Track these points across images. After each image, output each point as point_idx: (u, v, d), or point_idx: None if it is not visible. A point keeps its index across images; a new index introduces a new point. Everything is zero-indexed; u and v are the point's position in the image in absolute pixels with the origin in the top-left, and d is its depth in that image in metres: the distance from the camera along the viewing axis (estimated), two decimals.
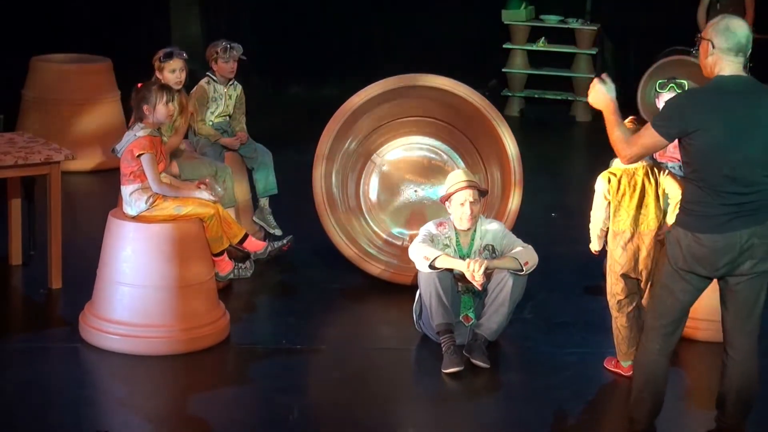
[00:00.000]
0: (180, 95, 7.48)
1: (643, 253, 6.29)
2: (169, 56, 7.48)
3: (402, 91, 7.90)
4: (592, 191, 6.41)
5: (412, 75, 7.90)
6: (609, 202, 6.30)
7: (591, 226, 6.44)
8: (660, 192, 6.26)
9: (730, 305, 5.34)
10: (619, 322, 6.42)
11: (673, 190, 6.24)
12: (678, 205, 5.93)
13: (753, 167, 5.13)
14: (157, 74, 7.49)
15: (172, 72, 7.47)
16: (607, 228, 6.37)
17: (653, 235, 6.27)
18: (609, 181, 6.31)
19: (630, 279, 6.31)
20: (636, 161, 5.52)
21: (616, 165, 6.35)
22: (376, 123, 8.07)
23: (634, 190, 6.25)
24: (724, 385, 5.47)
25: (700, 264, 5.22)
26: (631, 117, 6.17)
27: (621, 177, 6.27)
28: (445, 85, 7.84)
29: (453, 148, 8.15)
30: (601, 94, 5.44)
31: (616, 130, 5.33)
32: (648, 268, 6.29)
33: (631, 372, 6.01)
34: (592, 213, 6.41)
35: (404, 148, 8.18)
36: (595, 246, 6.49)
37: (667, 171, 6.35)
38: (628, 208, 6.26)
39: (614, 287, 6.36)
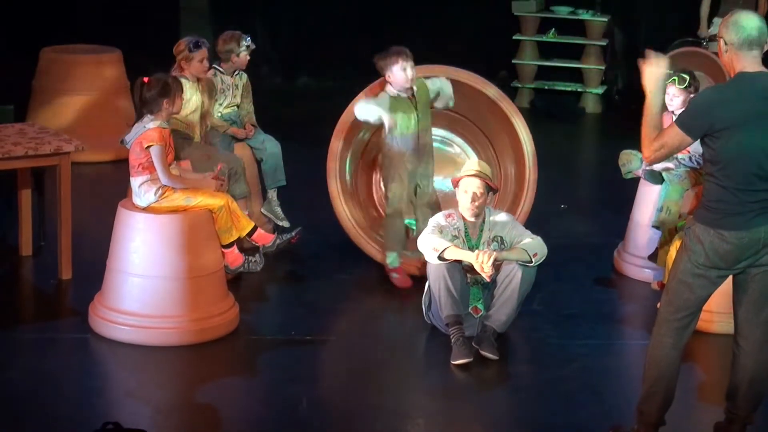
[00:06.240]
0: (203, 82, 7.54)
1: None
2: (197, 46, 7.48)
3: None
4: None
5: (429, 66, 7.81)
6: None
7: None
8: None
9: (745, 296, 5.32)
10: None
11: None
12: None
13: None
14: (183, 63, 7.48)
15: (201, 62, 7.49)
16: None
17: None
18: None
19: None
20: (660, 161, 5.40)
21: None
22: None
23: None
24: (735, 377, 5.45)
25: (723, 260, 5.20)
26: None
27: None
28: (463, 78, 7.77)
29: (467, 141, 8.12)
30: (653, 77, 5.26)
31: (647, 125, 5.21)
32: None
33: None
34: None
35: None
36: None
37: None
38: None
39: None
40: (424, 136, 7.49)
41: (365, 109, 7.36)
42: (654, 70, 5.28)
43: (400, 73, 7.32)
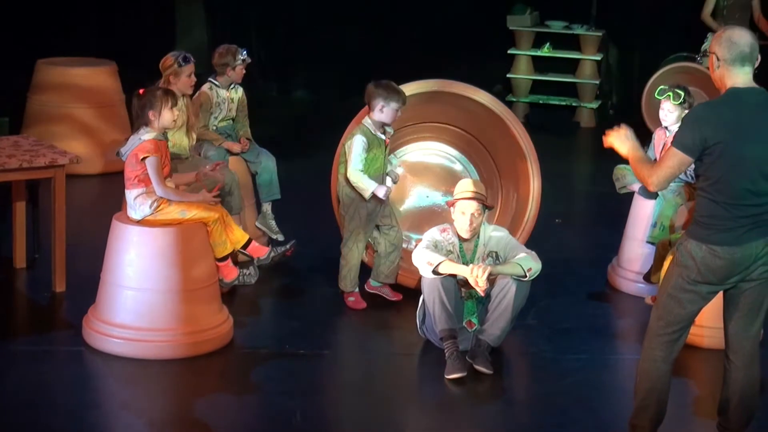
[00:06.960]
0: (187, 97, 7.52)
1: None
2: (186, 60, 7.46)
3: (428, 96, 7.78)
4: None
5: (447, 81, 7.72)
6: None
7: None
8: None
9: (735, 311, 5.33)
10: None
11: None
12: None
13: None
14: (171, 78, 7.45)
15: (189, 76, 7.48)
16: None
17: None
18: None
19: None
20: (665, 186, 5.41)
21: None
22: (396, 125, 7.89)
23: None
24: (727, 392, 5.46)
25: (715, 276, 5.21)
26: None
27: None
28: (461, 90, 7.73)
29: (470, 159, 8.09)
30: (622, 140, 5.38)
31: (640, 164, 5.28)
32: None
33: None
34: None
35: (421, 153, 8.12)
36: None
37: None
38: None
39: None
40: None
41: (359, 179, 7.18)
42: (620, 137, 5.38)
43: (392, 112, 7.19)
